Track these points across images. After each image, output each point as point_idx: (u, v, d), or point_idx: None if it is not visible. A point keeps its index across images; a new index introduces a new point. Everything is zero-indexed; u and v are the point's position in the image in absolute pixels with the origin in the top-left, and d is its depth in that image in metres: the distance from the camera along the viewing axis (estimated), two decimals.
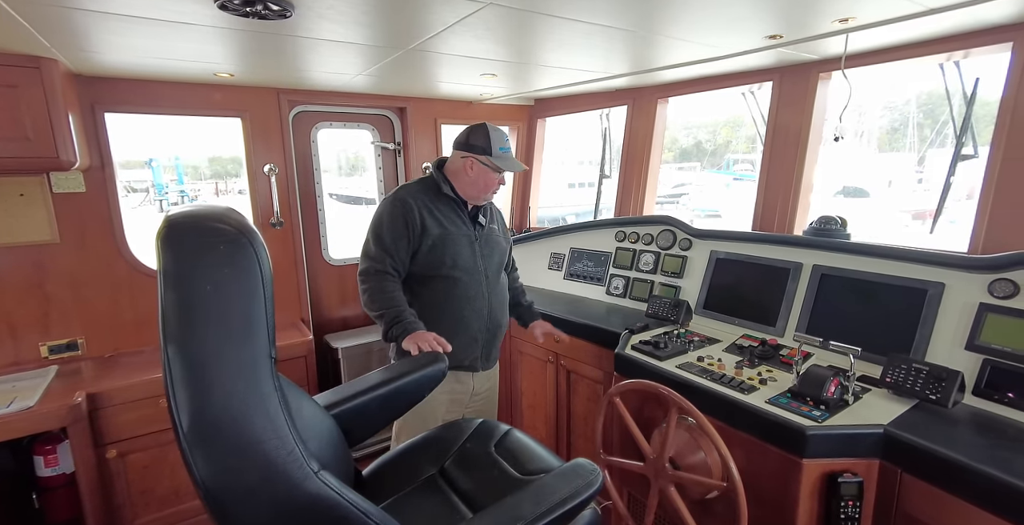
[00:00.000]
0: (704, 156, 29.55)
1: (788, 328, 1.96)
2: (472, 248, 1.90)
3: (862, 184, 12.43)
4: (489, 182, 1.87)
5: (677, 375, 1.72)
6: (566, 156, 22.64)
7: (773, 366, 1.78)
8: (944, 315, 1.59)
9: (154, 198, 20.43)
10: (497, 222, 2.06)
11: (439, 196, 1.89)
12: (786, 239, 2.07)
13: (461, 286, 1.89)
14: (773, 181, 2.44)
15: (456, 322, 1.90)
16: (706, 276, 2.32)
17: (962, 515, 1.19)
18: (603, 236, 2.85)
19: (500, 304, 2.01)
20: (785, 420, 1.40)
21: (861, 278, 1.80)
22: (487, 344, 1.98)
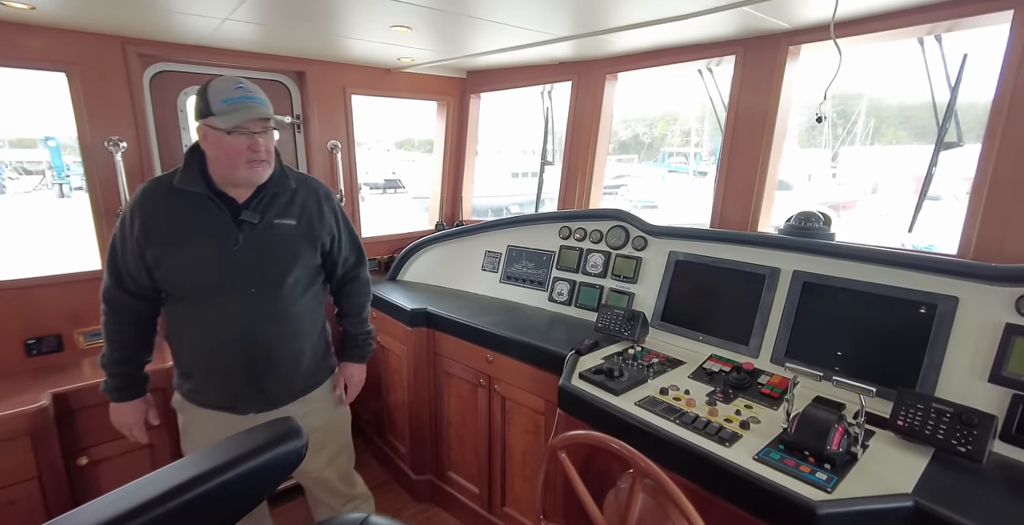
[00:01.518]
0: (641, 149, 30.29)
1: (764, 348, 1.62)
2: (223, 257, 1.36)
3: (786, 178, 13.11)
4: (233, 152, 1.30)
5: (638, 418, 1.33)
6: (508, 145, 22.16)
7: (752, 399, 1.43)
8: (959, 338, 1.29)
9: (51, 181, 17.77)
10: (301, 212, 1.47)
11: (172, 192, 1.36)
12: (760, 239, 1.72)
13: (203, 308, 1.39)
14: (735, 172, 2.10)
15: (196, 354, 1.44)
16: (664, 282, 1.95)
17: None
18: (545, 232, 2.42)
19: (276, 327, 1.44)
20: (786, 492, 1.03)
21: (853, 289, 1.48)
22: (255, 380, 1.44)
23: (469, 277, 2.64)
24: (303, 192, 1.51)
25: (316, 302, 1.55)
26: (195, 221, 1.37)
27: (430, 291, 2.60)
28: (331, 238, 1.55)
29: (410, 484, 2.42)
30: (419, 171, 8.74)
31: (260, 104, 1.31)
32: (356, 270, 1.68)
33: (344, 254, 1.62)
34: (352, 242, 1.65)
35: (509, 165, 23.00)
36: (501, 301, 2.44)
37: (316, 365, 1.57)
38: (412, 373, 2.32)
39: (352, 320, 1.69)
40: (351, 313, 1.68)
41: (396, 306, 2.35)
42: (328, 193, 1.58)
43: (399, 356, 2.39)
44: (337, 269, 1.62)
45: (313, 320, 1.53)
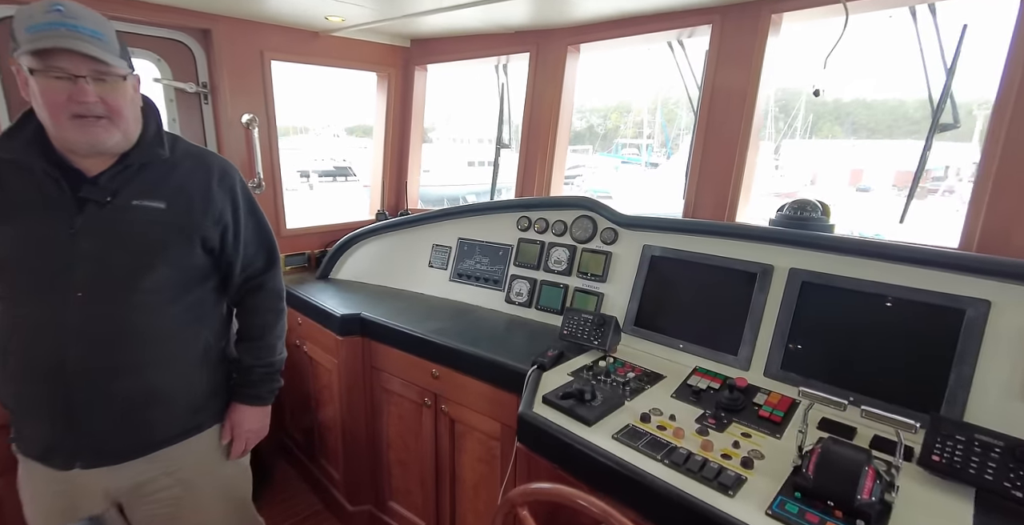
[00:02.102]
0: (596, 139, 30.62)
1: (757, 359, 1.39)
2: (48, 245, 1.01)
3: None
4: (47, 101, 0.93)
5: (617, 459, 1.05)
6: (463, 133, 21.81)
7: (749, 424, 1.18)
8: (992, 349, 1.08)
9: None
10: (177, 194, 1.10)
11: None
12: (750, 232, 1.48)
13: (21, 315, 1.03)
14: (710, 157, 1.86)
15: (11, 380, 1.06)
16: (638, 280, 1.69)
17: None
18: (502, 223, 2.11)
19: (118, 347, 1.05)
20: None
21: (862, 290, 1.26)
22: (73, 422, 1.04)
23: (414, 275, 2.29)
24: (187, 168, 1.13)
25: (196, 316, 1.17)
26: (20, 199, 1.00)
27: (368, 292, 2.24)
28: (222, 231, 1.17)
29: (346, 516, 2.07)
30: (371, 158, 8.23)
31: (81, 33, 0.92)
32: (262, 277, 1.29)
33: (245, 255, 1.23)
34: (260, 240, 1.27)
35: (465, 154, 22.48)
36: (451, 303, 2.11)
37: (194, 405, 1.18)
38: (345, 389, 1.96)
39: (250, 346, 1.27)
40: (250, 336, 1.28)
41: (325, 311, 1.98)
42: (228, 173, 1.20)
43: (329, 370, 2.03)
44: (234, 274, 1.23)
45: (189, 341, 1.16)
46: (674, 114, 40.94)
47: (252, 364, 1.26)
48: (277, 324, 1.31)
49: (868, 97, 46.17)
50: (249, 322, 1.28)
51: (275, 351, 1.30)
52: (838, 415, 1.19)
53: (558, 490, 0.94)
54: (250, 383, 1.26)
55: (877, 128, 44.98)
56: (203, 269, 1.17)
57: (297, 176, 23.08)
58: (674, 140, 34.19)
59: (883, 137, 45.12)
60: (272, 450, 2.57)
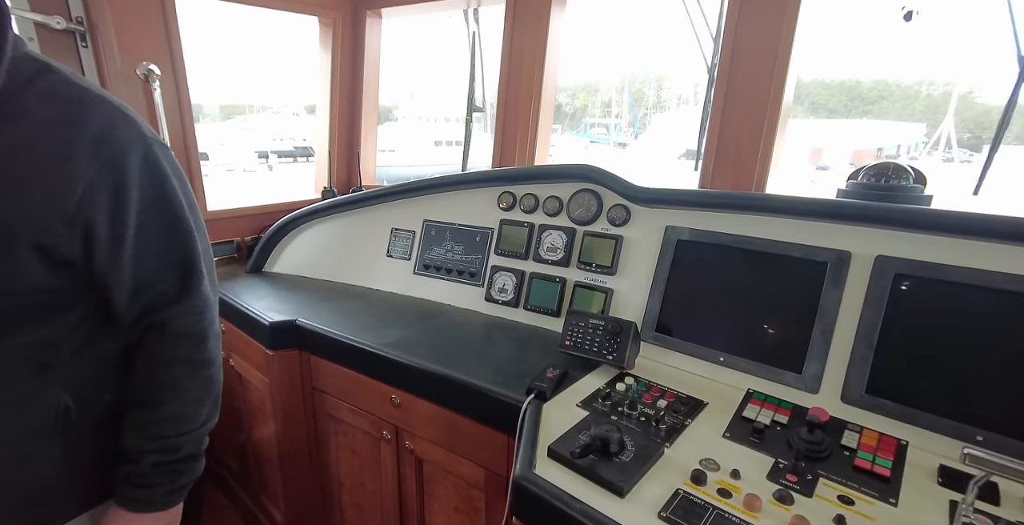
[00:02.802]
0: (564, 119, 30.54)
1: (829, 379, 1.03)
2: None
3: (692, 146, 13.40)
4: None
5: None
6: (430, 110, 21.14)
7: (843, 481, 0.82)
8: None
9: None
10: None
11: None
12: (815, 207, 1.11)
13: None
14: (732, 114, 1.48)
15: None
16: (659, 272, 1.31)
17: None
18: (479, 201, 1.69)
19: None
20: None
21: (978, 284, 0.91)
22: None
23: (369, 266, 1.85)
24: (36, 119, 0.64)
25: (39, 365, 0.69)
26: None
27: (311, 289, 1.79)
28: (85, 232, 0.68)
29: None
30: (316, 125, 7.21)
31: None
32: (168, 311, 0.78)
33: (136, 274, 0.74)
34: (171, 252, 0.77)
35: (432, 133, 21.56)
36: (416, 302, 1.69)
37: (35, 494, 0.74)
38: (280, 415, 1.53)
39: (142, 419, 0.79)
40: (142, 401, 0.79)
41: (251, 317, 1.52)
42: (115, 137, 0.69)
43: (260, 390, 1.59)
44: (118, 302, 0.75)
45: (25, 402, 0.69)
46: (641, 93, 40.79)
47: (142, 448, 0.78)
48: (190, 385, 0.80)
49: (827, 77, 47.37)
50: (144, 379, 0.79)
51: (183, 426, 0.81)
52: (958, 462, 0.85)
53: None
54: (137, 478, 0.78)
55: (836, 108, 46.17)
56: (49, 293, 0.69)
57: (255, 157, 21.69)
58: (641, 120, 33.99)
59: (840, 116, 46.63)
60: (202, 477, 2.11)
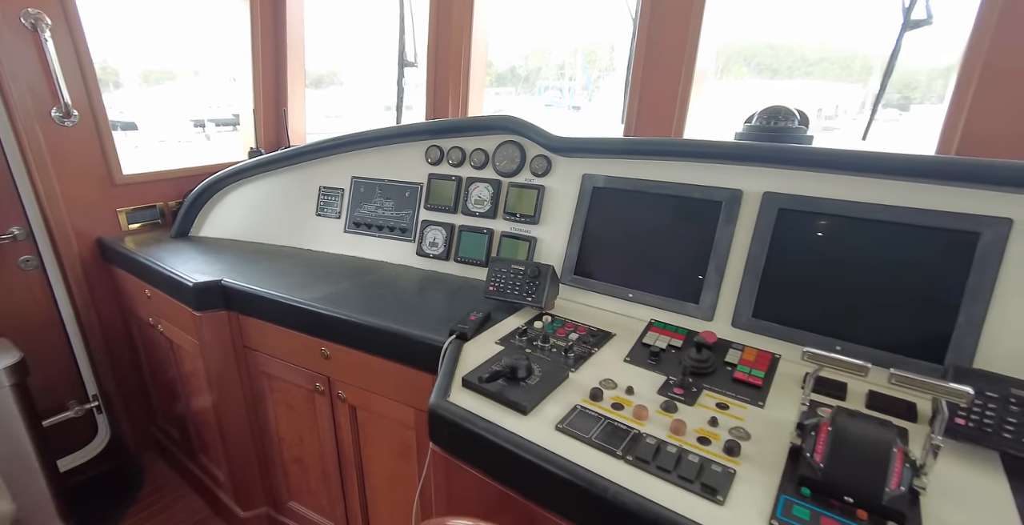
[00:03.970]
0: (519, 82, 30.40)
1: (723, 307, 1.14)
2: None
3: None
4: None
5: (566, 463, 0.75)
6: (380, 76, 20.48)
7: (724, 391, 0.93)
8: (1010, 281, 0.88)
9: None
10: None
11: None
12: (713, 149, 1.18)
13: None
14: (652, 69, 1.51)
15: None
16: (577, 219, 1.36)
17: None
18: (407, 156, 1.68)
19: None
20: None
21: (853, 215, 1.02)
22: None
23: (299, 227, 1.82)
24: None
25: None
26: None
27: (240, 251, 1.75)
28: None
29: (239, 522, 1.71)
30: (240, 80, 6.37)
31: None
32: None
33: None
34: None
35: (381, 99, 20.66)
36: (347, 260, 1.69)
37: None
38: (214, 377, 1.53)
39: None
40: None
41: (175, 279, 1.49)
42: None
43: (192, 353, 1.57)
44: None
45: None
46: (595, 55, 40.51)
47: None
48: None
49: (773, 39, 48.47)
50: None
51: None
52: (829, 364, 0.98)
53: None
54: None
55: (779, 69, 47.60)
56: None
57: (191, 126, 20.25)
58: (595, 82, 33.80)
59: (784, 77, 48.52)
60: (142, 446, 2.11)
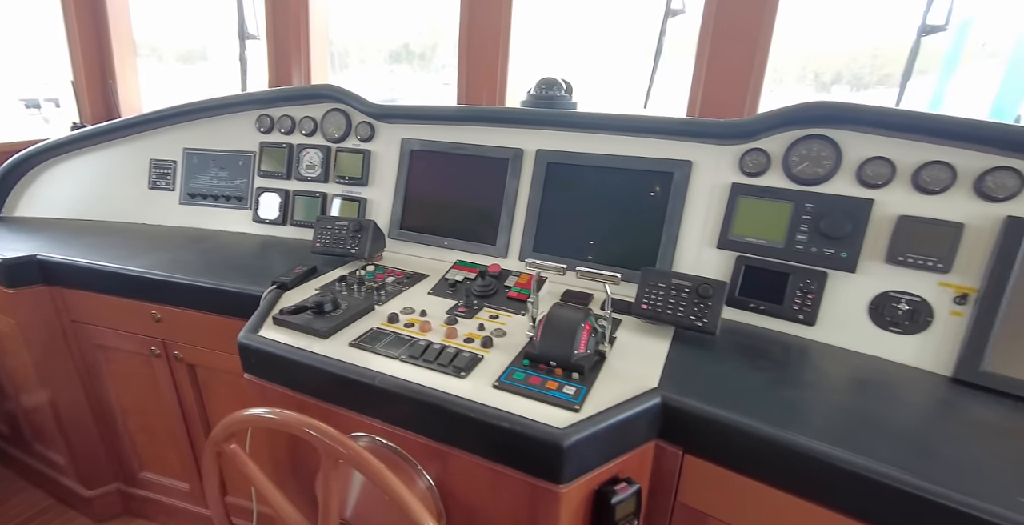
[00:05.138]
0: (414, 58, 29.41)
1: (512, 245, 1.37)
2: None
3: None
4: None
5: (349, 365, 0.92)
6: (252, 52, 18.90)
7: (499, 307, 1.16)
8: (693, 205, 1.19)
9: None
10: None
11: None
12: (495, 114, 1.39)
13: None
14: (477, 28, 1.70)
15: None
16: (400, 179, 1.52)
17: (740, 495, 0.80)
18: (238, 126, 1.71)
19: None
20: (527, 427, 0.77)
21: (596, 165, 1.28)
22: None
23: (133, 202, 1.78)
24: None
25: None
26: None
27: (63, 228, 1.68)
28: None
29: (85, 503, 1.69)
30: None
31: None
32: None
33: None
34: None
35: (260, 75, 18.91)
36: (184, 231, 1.70)
37: None
38: (40, 356, 1.49)
39: None
40: None
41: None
42: None
43: (9, 334, 1.51)
44: None
45: None
46: None
47: None
48: None
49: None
50: None
51: None
52: (581, 285, 1.25)
53: (251, 417, 0.78)
54: None
55: None
56: None
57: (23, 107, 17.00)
58: None
59: None
60: None
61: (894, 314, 0.97)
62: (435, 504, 0.91)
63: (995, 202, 0.91)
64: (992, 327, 0.87)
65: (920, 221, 0.96)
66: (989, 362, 0.87)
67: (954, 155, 0.94)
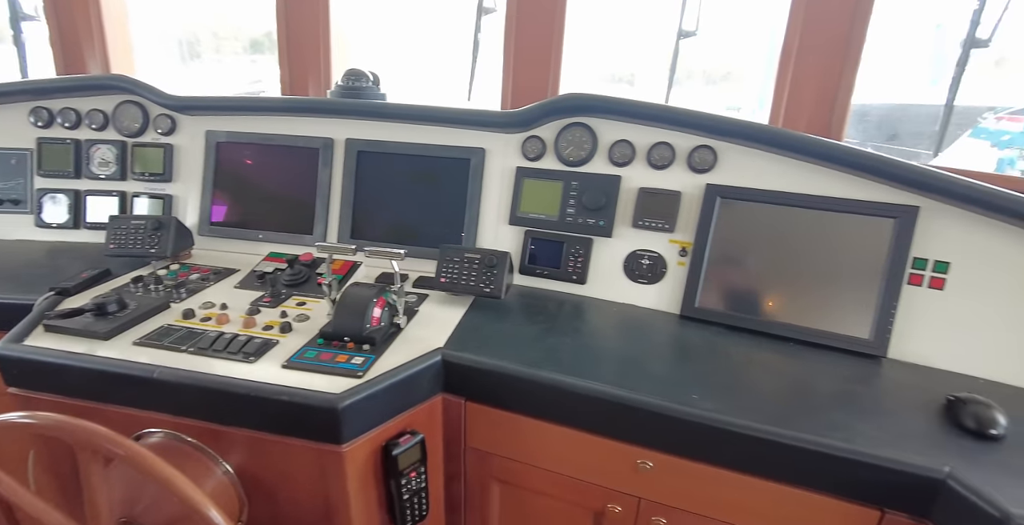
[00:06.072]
0: (275, 46, 27.43)
1: (330, 233, 1.39)
2: None
3: None
4: None
5: (124, 363, 0.89)
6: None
7: (309, 294, 1.19)
8: (490, 188, 1.31)
9: None
10: None
11: None
12: (302, 104, 1.40)
13: None
14: (295, 17, 1.68)
15: None
16: (207, 174, 1.46)
17: (515, 431, 0.94)
18: (5, 119, 1.50)
19: None
20: (306, 397, 0.82)
21: (405, 153, 1.35)
22: None
23: None
24: None
25: None
26: None
27: None
28: None
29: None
30: None
31: None
32: None
33: None
34: None
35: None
36: None
37: None
38: None
39: None
40: None
41: None
42: None
43: None
44: None
45: None
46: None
47: None
48: None
49: None
50: None
51: None
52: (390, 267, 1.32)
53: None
54: None
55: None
56: None
57: None
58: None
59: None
60: None
61: (640, 269, 1.19)
62: (236, 491, 0.92)
63: (700, 173, 1.14)
64: (700, 272, 1.11)
65: (653, 192, 1.17)
66: (700, 300, 1.10)
67: (674, 137, 1.16)
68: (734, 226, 1.10)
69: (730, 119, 1.09)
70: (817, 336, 1.02)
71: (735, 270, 1.10)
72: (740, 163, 1.11)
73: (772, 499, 0.80)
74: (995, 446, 0.75)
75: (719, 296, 1.10)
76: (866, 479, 0.73)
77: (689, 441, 0.82)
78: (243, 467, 0.91)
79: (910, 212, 0.97)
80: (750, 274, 1.09)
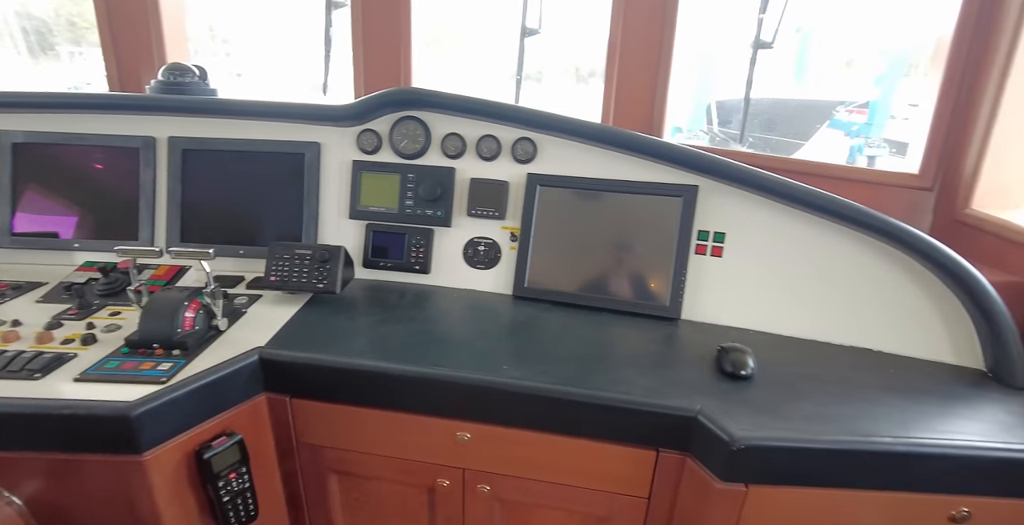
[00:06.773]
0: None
1: (158, 238, 1.30)
2: None
3: None
4: None
5: None
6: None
7: (125, 303, 1.11)
8: (328, 183, 1.30)
9: None
10: None
11: None
12: (119, 101, 1.29)
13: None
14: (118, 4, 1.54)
15: None
16: (3, 180, 1.30)
17: (343, 422, 0.96)
18: None
19: None
20: (92, 408, 0.77)
21: (234, 149, 1.30)
22: None
23: None
24: None
25: None
26: None
27: None
28: None
29: None
30: None
31: None
32: None
33: None
34: None
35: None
36: None
37: None
38: None
39: None
40: None
41: None
42: None
43: None
44: None
45: None
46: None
47: None
48: None
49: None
50: None
51: None
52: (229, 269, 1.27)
53: None
54: None
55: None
56: None
57: None
58: None
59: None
60: None
61: (478, 255, 1.24)
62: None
63: (523, 164, 1.22)
64: (527, 254, 1.19)
65: (484, 182, 1.24)
66: (528, 280, 1.19)
67: (499, 130, 1.23)
68: (553, 211, 1.19)
69: (546, 113, 1.17)
70: (626, 305, 1.14)
71: (556, 250, 1.19)
72: (556, 153, 1.21)
73: (572, 452, 0.88)
74: (744, 385, 0.89)
75: (544, 275, 1.19)
76: (641, 423, 0.84)
77: (498, 408, 0.88)
78: (36, 496, 0.84)
79: (691, 191, 1.11)
80: (568, 253, 1.19)
